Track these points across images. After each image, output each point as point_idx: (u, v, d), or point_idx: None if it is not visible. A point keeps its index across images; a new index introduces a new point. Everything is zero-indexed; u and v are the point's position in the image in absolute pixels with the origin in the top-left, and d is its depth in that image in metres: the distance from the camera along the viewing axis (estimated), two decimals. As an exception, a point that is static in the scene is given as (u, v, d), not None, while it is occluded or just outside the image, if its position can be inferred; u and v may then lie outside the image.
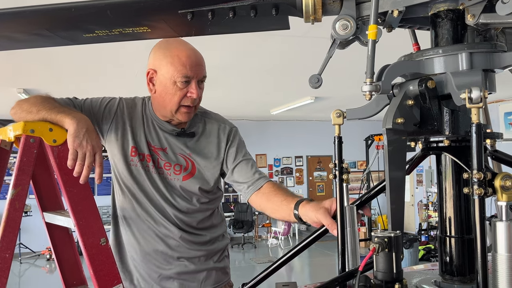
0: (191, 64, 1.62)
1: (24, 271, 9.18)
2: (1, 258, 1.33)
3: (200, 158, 1.74)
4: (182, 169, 1.73)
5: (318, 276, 8.18)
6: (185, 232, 1.74)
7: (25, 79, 6.50)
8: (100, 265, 1.37)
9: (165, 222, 1.72)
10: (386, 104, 1.13)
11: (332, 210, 1.38)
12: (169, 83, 1.63)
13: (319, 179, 13.14)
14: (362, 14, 1.09)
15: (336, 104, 8.94)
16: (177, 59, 1.61)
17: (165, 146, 1.74)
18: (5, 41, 1.41)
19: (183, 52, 1.63)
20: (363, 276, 0.95)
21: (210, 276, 1.79)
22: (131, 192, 1.73)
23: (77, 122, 1.41)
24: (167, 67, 1.62)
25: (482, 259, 0.88)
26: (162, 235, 1.72)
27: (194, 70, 1.62)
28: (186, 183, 1.73)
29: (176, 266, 1.74)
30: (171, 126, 1.74)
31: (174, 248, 1.73)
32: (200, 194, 1.75)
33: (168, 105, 1.66)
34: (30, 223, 8.03)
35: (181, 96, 1.63)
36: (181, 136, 1.74)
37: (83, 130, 1.40)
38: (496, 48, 1.04)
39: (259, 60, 5.75)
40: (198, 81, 1.65)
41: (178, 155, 1.74)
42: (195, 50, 1.67)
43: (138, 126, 1.74)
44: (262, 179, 1.73)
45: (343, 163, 1.18)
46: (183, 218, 1.73)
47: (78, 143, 1.39)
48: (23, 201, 1.37)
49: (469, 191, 0.90)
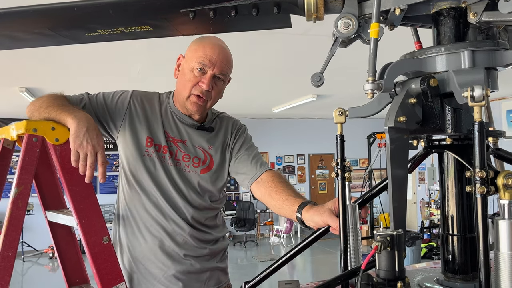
0: (212, 55, 1.66)
1: (27, 269, 9.21)
2: (5, 257, 1.33)
3: (216, 153, 1.78)
4: (200, 162, 1.75)
5: (320, 274, 8.19)
6: (193, 228, 1.74)
7: (27, 78, 6.51)
8: (103, 263, 1.38)
9: (175, 217, 1.71)
10: (388, 102, 1.13)
11: (336, 210, 1.37)
12: (188, 70, 1.68)
13: (321, 177, 13.14)
14: (364, 12, 1.09)
15: (338, 102, 8.93)
16: (201, 47, 1.67)
17: (184, 138, 1.76)
18: (7, 40, 1.41)
19: (210, 44, 1.68)
20: (366, 274, 0.95)
21: (213, 277, 1.80)
22: (141, 186, 1.72)
23: (78, 121, 1.41)
24: (191, 53, 1.69)
25: (484, 257, 0.88)
26: (171, 230, 1.72)
27: (213, 62, 1.65)
28: (203, 176, 1.75)
29: (182, 264, 1.73)
30: (191, 120, 1.77)
31: (181, 245, 1.73)
32: (213, 189, 1.77)
33: (182, 90, 1.71)
34: (32, 221, 8.05)
35: (193, 83, 1.67)
36: (201, 130, 1.78)
37: (83, 130, 1.40)
38: (498, 46, 1.04)
39: (260, 58, 5.75)
40: (216, 76, 1.68)
41: (197, 148, 1.76)
42: (224, 48, 1.71)
43: (155, 117, 1.76)
44: (262, 168, 1.73)
45: (345, 162, 1.18)
46: (194, 214, 1.73)
47: (79, 144, 1.39)
48: (26, 200, 1.37)
49: (471, 189, 0.90)
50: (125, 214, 1.77)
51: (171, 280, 1.72)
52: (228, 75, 1.73)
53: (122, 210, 1.78)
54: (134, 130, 1.73)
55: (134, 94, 1.78)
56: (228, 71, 1.72)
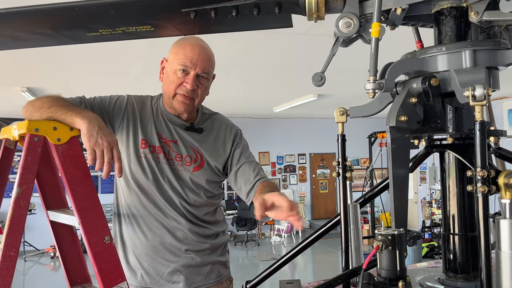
0: (193, 56, 1.69)
1: (28, 269, 9.22)
2: (7, 256, 1.34)
3: (207, 152, 1.81)
4: (192, 161, 1.79)
5: (322, 273, 8.19)
6: (192, 223, 1.78)
7: (28, 77, 6.51)
8: (105, 263, 1.38)
9: (173, 214, 1.76)
10: (389, 102, 1.13)
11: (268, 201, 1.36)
12: (171, 72, 1.72)
13: (322, 177, 13.14)
14: (365, 12, 1.09)
15: (339, 102, 8.93)
16: (182, 49, 1.70)
17: (176, 138, 1.80)
18: (9, 40, 1.41)
19: (190, 45, 1.71)
20: (367, 274, 0.95)
21: (214, 270, 1.84)
22: (140, 185, 1.76)
23: (89, 121, 1.43)
24: (172, 56, 1.73)
25: (485, 256, 0.88)
26: (170, 227, 1.76)
27: (194, 62, 1.68)
28: (196, 174, 1.78)
29: (183, 258, 1.77)
30: (181, 120, 1.81)
31: (182, 240, 1.77)
32: (207, 186, 1.81)
33: (168, 91, 1.75)
34: (34, 221, 8.04)
35: (177, 84, 1.71)
36: (190, 131, 1.81)
37: (96, 128, 1.42)
38: (499, 45, 1.04)
39: (261, 58, 5.74)
40: (199, 76, 1.71)
41: (188, 148, 1.80)
42: (204, 47, 1.74)
43: (148, 120, 1.80)
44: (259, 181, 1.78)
45: (347, 161, 1.18)
46: (191, 210, 1.78)
47: (94, 142, 1.41)
48: (28, 199, 1.37)
49: (472, 188, 0.90)
50: (125, 213, 1.81)
51: (173, 274, 1.76)
52: (211, 72, 1.77)
53: (122, 209, 1.82)
54: (130, 133, 1.78)
55: (130, 99, 1.83)
56: (211, 69, 1.76)
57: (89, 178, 1.43)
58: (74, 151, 1.43)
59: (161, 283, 1.77)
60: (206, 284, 1.81)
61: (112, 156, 1.44)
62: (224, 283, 1.89)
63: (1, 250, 1.33)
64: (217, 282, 1.85)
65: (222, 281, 1.88)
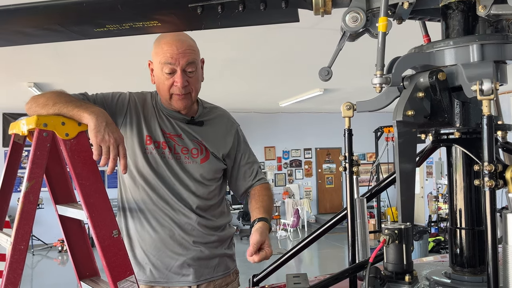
0: (173, 52, 1.67)
1: (36, 262, 9.31)
2: (17, 250, 1.35)
3: (209, 143, 1.83)
4: (199, 153, 1.82)
5: (328, 268, 8.19)
6: (200, 216, 1.80)
7: (35, 72, 6.55)
8: (113, 256, 1.39)
9: (181, 207, 1.77)
10: (396, 96, 1.13)
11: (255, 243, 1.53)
12: (159, 72, 1.72)
13: (328, 171, 13.13)
14: (372, 6, 1.09)
15: (345, 96, 8.90)
16: (160, 48, 1.70)
17: (179, 132, 1.81)
18: (18, 36, 1.42)
19: (166, 44, 1.69)
20: (374, 268, 0.96)
21: (221, 263, 1.86)
22: (147, 181, 1.77)
23: (96, 116, 1.44)
24: (155, 57, 1.73)
25: (492, 250, 0.88)
26: (179, 220, 1.78)
27: (176, 58, 1.67)
28: (204, 165, 1.81)
29: (192, 251, 1.79)
30: (181, 115, 1.82)
31: (190, 233, 1.79)
32: (213, 177, 1.83)
33: (162, 93, 1.76)
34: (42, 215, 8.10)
35: (169, 85, 1.71)
36: (191, 124, 1.83)
37: (103, 124, 1.44)
38: (507, 39, 1.03)
39: (267, 52, 5.73)
40: (185, 70, 1.70)
41: (193, 141, 1.82)
42: (180, 39, 1.70)
43: (151, 116, 1.81)
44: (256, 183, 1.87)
45: (353, 156, 1.19)
46: (199, 203, 1.80)
47: (101, 138, 1.43)
48: (37, 194, 1.39)
49: (480, 183, 0.90)
50: (132, 208, 1.82)
51: (182, 267, 1.78)
52: (196, 60, 1.74)
53: (129, 204, 1.83)
54: (134, 129, 1.79)
55: (131, 96, 1.84)
56: (195, 56, 1.73)
57: (97, 173, 1.45)
58: (82, 146, 1.44)
59: (170, 277, 1.78)
60: (214, 277, 1.83)
61: (118, 152, 1.45)
62: (231, 276, 1.91)
63: (11, 244, 1.35)
64: (225, 275, 1.87)
65: (229, 274, 1.89)
